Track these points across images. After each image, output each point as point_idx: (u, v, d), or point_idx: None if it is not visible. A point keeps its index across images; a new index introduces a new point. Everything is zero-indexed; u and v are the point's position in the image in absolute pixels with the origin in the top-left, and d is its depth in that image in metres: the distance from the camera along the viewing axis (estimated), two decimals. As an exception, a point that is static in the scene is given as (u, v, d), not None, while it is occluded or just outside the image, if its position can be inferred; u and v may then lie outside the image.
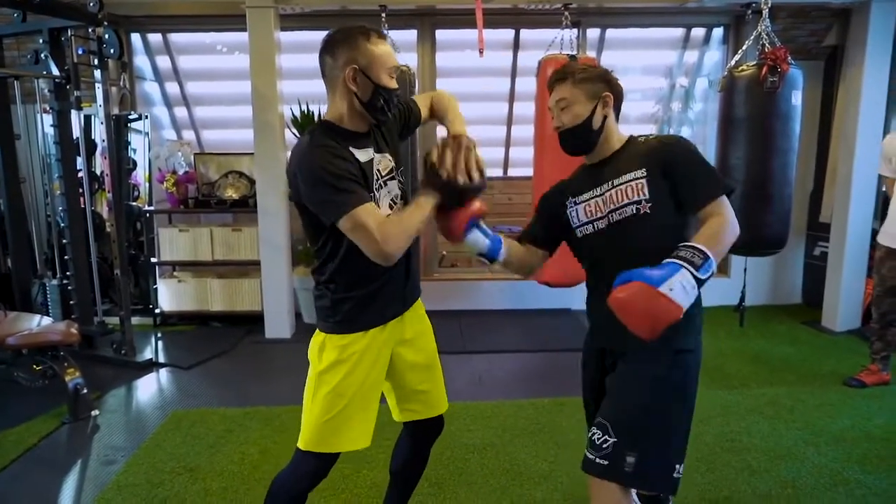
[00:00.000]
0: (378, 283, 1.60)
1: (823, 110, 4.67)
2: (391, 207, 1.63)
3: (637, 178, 1.57)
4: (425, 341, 1.80)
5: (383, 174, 1.62)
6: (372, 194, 1.55)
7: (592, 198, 1.65)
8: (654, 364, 1.57)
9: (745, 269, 3.98)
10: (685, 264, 1.35)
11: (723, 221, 1.47)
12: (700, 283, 1.36)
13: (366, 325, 1.61)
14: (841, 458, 2.59)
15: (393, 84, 1.55)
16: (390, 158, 1.66)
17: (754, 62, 3.11)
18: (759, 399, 3.18)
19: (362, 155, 1.56)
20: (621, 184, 1.59)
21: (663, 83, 5.27)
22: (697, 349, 1.63)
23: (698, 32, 4.96)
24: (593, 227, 1.65)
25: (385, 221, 1.48)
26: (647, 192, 1.55)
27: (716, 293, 4.78)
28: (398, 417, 1.81)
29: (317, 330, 1.66)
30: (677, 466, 1.56)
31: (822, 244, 4.59)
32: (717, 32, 4.88)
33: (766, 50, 3.10)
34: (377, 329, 1.63)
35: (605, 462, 1.52)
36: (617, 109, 1.67)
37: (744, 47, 3.35)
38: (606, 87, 1.63)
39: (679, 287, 1.32)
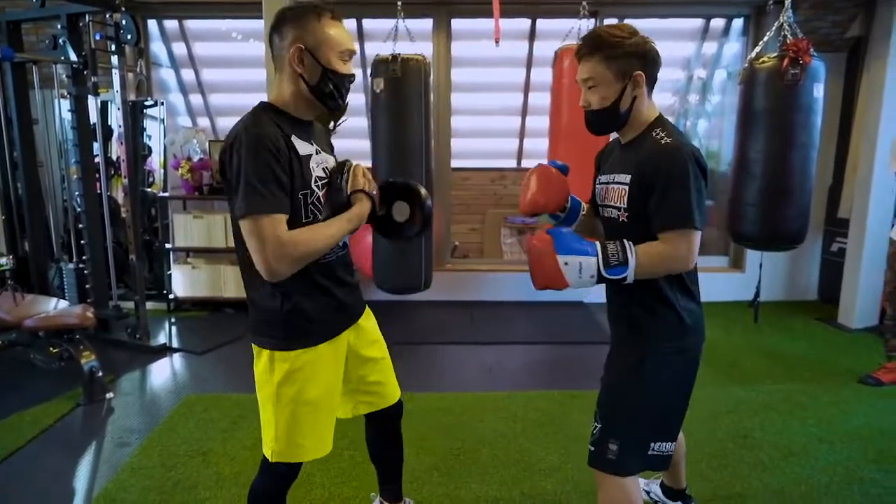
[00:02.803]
0: (322, 294, 1.51)
1: (845, 104, 4.59)
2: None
3: (622, 184, 1.54)
4: (375, 334, 1.75)
5: (327, 174, 1.50)
6: (308, 191, 1.43)
7: (601, 183, 1.66)
8: (631, 353, 1.60)
9: (760, 265, 3.95)
10: (599, 254, 1.42)
11: (667, 250, 1.45)
12: (602, 279, 1.43)
13: (313, 341, 1.51)
14: (856, 456, 2.56)
15: (345, 69, 1.45)
16: (334, 160, 1.56)
17: (775, 54, 3.06)
18: (773, 395, 3.15)
19: (303, 147, 1.44)
20: (613, 183, 1.58)
21: (680, 75, 5.21)
22: (685, 349, 1.60)
23: (718, 23, 4.90)
24: (604, 210, 1.65)
25: (288, 238, 1.34)
26: (625, 202, 1.53)
27: (730, 288, 4.76)
28: (346, 414, 1.75)
29: (255, 346, 1.55)
30: (653, 444, 1.58)
31: (840, 240, 4.53)
32: (737, 23, 4.81)
33: (788, 41, 3.04)
34: (327, 342, 1.54)
35: (593, 449, 1.59)
36: (651, 85, 1.54)
37: (765, 38, 3.29)
38: (639, 63, 1.48)
39: (575, 267, 1.42)
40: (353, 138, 4.90)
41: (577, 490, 2.32)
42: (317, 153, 1.49)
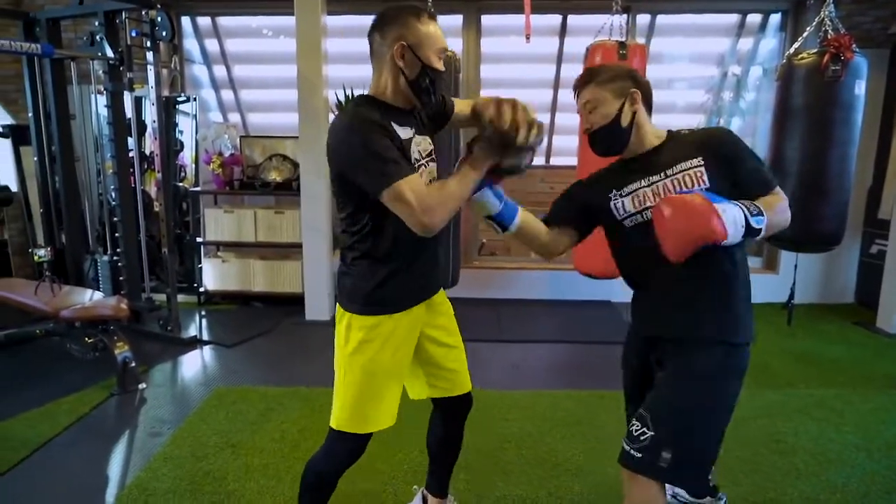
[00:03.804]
0: (407, 266, 1.59)
1: (887, 101, 4.45)
2: None
3: (695, 167, 1.55)
4: (451, 323, 1.81)
5: (423, 156, 1.60)
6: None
7: (641, 188, 1.61)
8: (706, 359, 1.54)
9: (794, 266, 3.85)
10: (742, 206, 1.41)
11: (782, 199, 1.52)
12: (749, 228, 1.40)
13: (393, 307, 1.60)
14: None
15: (440, 66, 1.54)
16: (430, 142, 1.64)
17: (815, 50, 2.98)
18: (807, 400, 3.07)
19: (403, 132, 1.53)
20: (678, 172, 1.56)
21: (714, 71, 5.10)
22: (749, 345, 1.59)
23: (754, 18, 4.78)
24: (642, 216, 1.60)
25: (427, 192, 1.46)
26: (706, 181, 1.53)
27: (763, 289, 4.63)
28: (420, 395, 1.82)
29: (340, 309, 1.64)
30: (712, 468, 1.57)
31: (880, 242, 4.39)
32: (775, 19, 4.69)
33: (829, 37, 2.96)
34: (404, 312, 1.62)
35: (640, 455, 1.51)
36: (648, 105, 1.64)
37: (804, 34, 3.21)
38: (632, 83, 1.60)
39: (732, 215, 1.37)
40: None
41: (605, 491, 2.29)
42: (414, 136, 1.57)
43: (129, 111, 4.00)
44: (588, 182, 1.79)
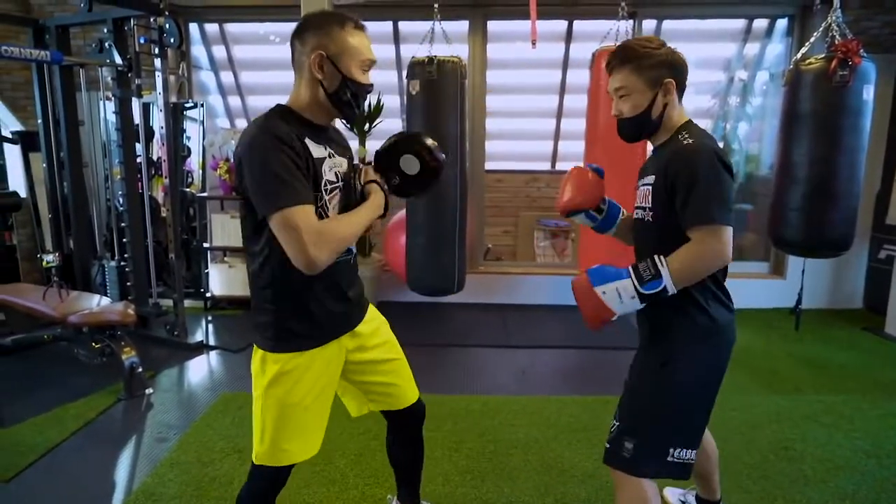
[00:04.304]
0: (318, 301, 1.49)
1: (895, 106, 4.43)
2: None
3: (648, 185, 1.59)
4: (380, 337, 1.70)
5: (339, 178, 1.50)
6: (318, 194, 1.43)
7: (637, 188, 1.68)
8: (656, 354, 1.59)
9: (802, 271, 3.83)
10: (633, 275, 1.47)
11: (695, 251, 1.45)
12: (642, 296, 1.45)
13: (304, 345, 1.50)
14: (905, 472, 2.46)
15: (364, 79, 1.46)
16: (348, 164, 1.55)
17: (822, 55, 2.97)
18: (815, 406, 3.05)
19: (317, 150, 1.43)
20: (642, 185, 1.63)
21: (721, 77, 5.10)
22: (711, 354, 1.57)
23: (761, 24, 4.78)
24: (636, 212, 1.68)
25: (319, 226, 1.35)
26: (650, 202, 1.57)
27: (771, 295, 4.65)
28: (360, 412, 1.76)
29: (255, 346, 1.56)
30: (672, 450, 1.56)
31: (889, 247, 4.37)
32: (782, 24, 4.68)
33: (837, 42, 2.95)
34: (318, 349, 1.52)
35: (608, 446, 1.59)
36: (681, 92, 1.58)
37: (812, 39, 3.20)
38: (669, 72, 1.53)
39: (614, 293, 1.47)
40: (387, 140, 4.92)
41: (611, 498, 2.27)
42: (330, 157, 1.48)
43: (137, 117, 4.02)
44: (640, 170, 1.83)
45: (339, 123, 1.71)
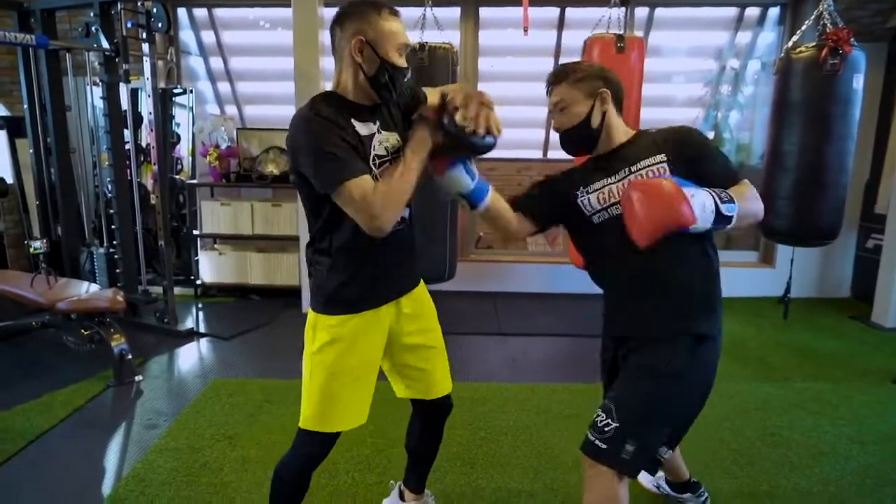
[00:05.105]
0: (373, 265, 1.57)
1: (885, 96, 4.45)
2: None
3: (658, 163, 1.57)
4: (425, 323, 1.75)
5: (390, 152, 1.55)
6: (370, 168, 1.48)
7: (606, 185, 1.64)
8: (672, 354, 1.56)
9: (791, 260, 3.86)
10: (713, 192, 1.41)
11: (751, 188, 1.53)
12: (719, 216, 1.39)
13: (357, 307, 1.57)
14: (889, 458, 2.49)
15: (401, 62, 1.51)
16: (398, 138, 1.58)
17: (813, 43, 2.97)
18: (803, 394, 3.08)
19: (363, 128, 1.51)
20: (641, 169, 1.59)
21: (712, 65, 5.09)
22: (718, 337, 1.62)
23: (752, 12, 4.77)
24: (608, 213, 1.63)
25: (375, 191, 1.42)
26: (669, 176, 1.53)
27: (760, 283, 4.68)
28: (400, 394, 1.81)
29: (310, 308, 1.62)
30: (660, 451, 1.63)
31: (876, 236, 4.40)
32: (773, 12, 4.68)
33: (828, 30, 2.96)
34: (370, 311, 1.59)
35: (605, 446, 1.53)
36: (618, 104, 1.65)
37: (803, 27, 3.20)
38: (603, 83, 1.62)
39: (700, 200, 1.37)
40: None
41: (600, 484, 2.30)
42: (378, 132, 1.54)
43: (124, 103, 3.98)
44: (558, 178, 1.80)
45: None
